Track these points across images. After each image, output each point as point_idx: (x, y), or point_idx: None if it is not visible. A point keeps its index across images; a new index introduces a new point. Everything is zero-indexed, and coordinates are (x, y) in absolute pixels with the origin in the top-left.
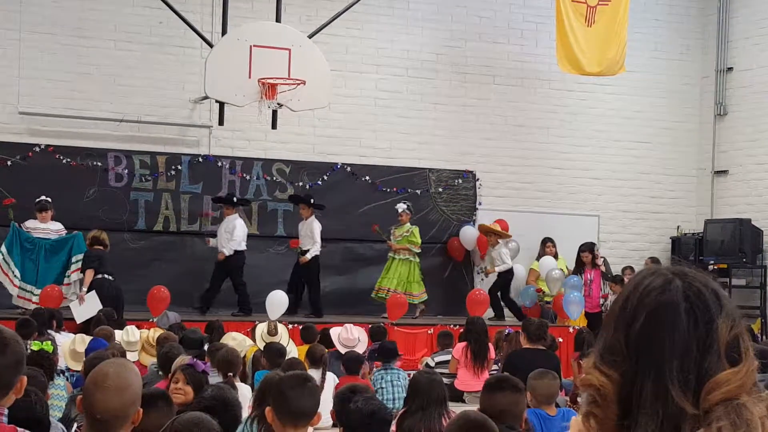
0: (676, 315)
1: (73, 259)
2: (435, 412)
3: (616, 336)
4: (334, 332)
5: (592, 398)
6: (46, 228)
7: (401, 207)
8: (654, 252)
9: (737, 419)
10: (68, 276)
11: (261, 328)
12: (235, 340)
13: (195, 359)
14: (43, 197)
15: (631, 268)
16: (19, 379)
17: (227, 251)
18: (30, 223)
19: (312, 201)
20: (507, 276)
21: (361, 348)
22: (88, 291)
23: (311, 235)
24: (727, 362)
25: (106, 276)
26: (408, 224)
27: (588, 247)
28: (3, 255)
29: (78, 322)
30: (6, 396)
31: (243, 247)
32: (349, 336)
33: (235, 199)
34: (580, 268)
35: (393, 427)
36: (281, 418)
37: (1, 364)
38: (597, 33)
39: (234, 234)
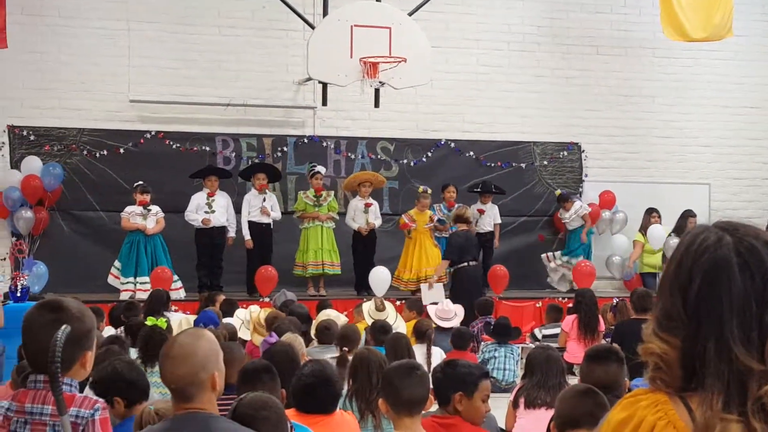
0: (731, 272)
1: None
2: (555, 386)
3: (672, 301)
4: (432, 308)
5: (655, 365)
6: (145, 212)
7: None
8: None
9: None
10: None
11: (368, 305)
12: (329, 316)
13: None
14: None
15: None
16: (83, 353)
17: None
18: (131, 209)
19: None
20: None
21: (457, 322)
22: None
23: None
24: None
25: (469, 263)
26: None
27: (693, 214)
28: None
29: (424, 304)
30: (70, 369)
31: None
32: (445, 308)
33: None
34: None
35: (511, 398)
36: (395, 409)
37: (59, 338)
38: None
39: None
